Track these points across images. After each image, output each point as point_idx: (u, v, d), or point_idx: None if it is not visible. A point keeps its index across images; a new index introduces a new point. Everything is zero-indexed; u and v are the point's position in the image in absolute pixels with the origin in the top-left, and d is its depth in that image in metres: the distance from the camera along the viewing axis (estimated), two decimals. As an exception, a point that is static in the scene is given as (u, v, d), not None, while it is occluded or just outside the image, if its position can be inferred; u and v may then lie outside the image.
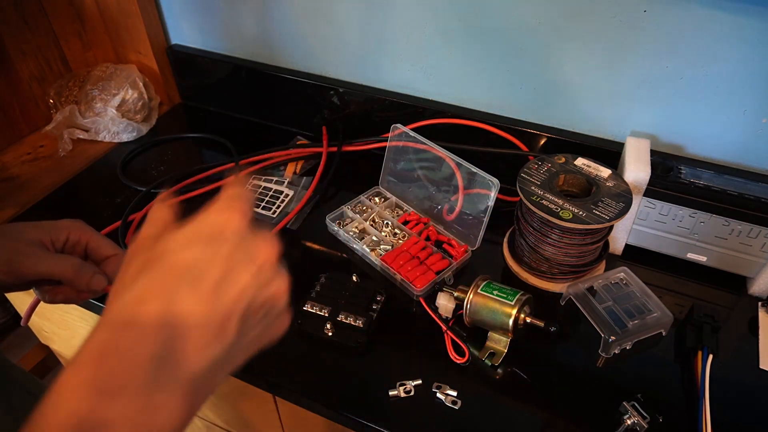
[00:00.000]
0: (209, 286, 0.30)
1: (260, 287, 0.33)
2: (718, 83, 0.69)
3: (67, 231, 0.50)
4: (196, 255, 0.31)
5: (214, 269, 0.31)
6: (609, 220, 0.62)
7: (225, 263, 0.31)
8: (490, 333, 0.63)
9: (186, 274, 0.30)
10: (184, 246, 0.32)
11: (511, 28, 0.76)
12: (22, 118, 0.98)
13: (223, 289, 0.31)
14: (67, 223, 0.51)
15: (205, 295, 0.30)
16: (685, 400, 0.59)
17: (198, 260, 0.31)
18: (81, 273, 0.48)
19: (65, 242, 0.50)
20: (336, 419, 0.59)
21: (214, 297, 0.30)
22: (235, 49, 1.01)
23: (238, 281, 0.31)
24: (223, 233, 0.33)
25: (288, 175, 0.90)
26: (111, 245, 0.52)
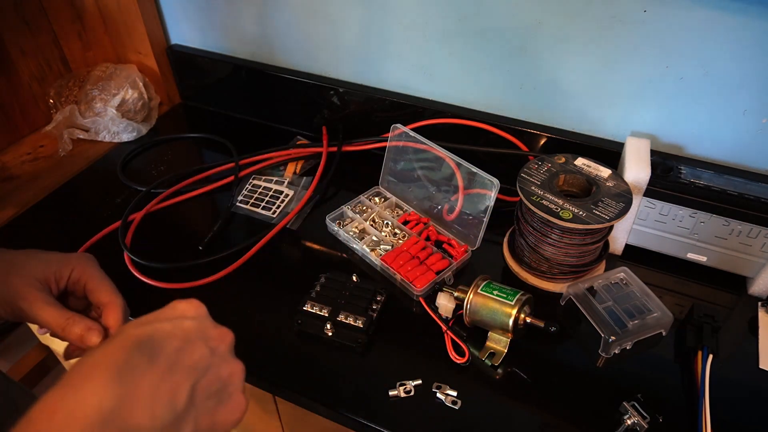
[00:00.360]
0: (166, 355, 0.33)
1: (213, 365, 0.36)
2: (718, 83, 0.69)
3: (71, 268, 0.48)
4: (156, 327, 0.35)
5: (171, 341, 0.35)
6: (609, 220, 0.62)
7: (181, 337, 0.35)
8: (490, 333, 0.63)
9: (145, 341, 0.34)
10: (145, 323, 0.36)
11: (511, 28, 0.76)
12: (22, 118, 0.98)
13: (178, 359, 0.34)
14: (74, 259, 0.49)
15: (161, 364, 0.33)
16: (685, 400, 0.59)
17: (157, 331, 0.35)
18: (71, 330, 0.46)
19: (68, 279, 0.49)
20: (336, 419, 0.59)
21: (167, 365, 0.33)
22: (235, 49, 1.01)
23: (192, 354, 0.35)
24: (185, 314, 0.38)
25: (288, 175, 0.90)
26: (108, 290, 0.49)
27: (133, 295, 0.70)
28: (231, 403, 0.37)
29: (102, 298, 0.48)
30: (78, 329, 0.45)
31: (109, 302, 0.48)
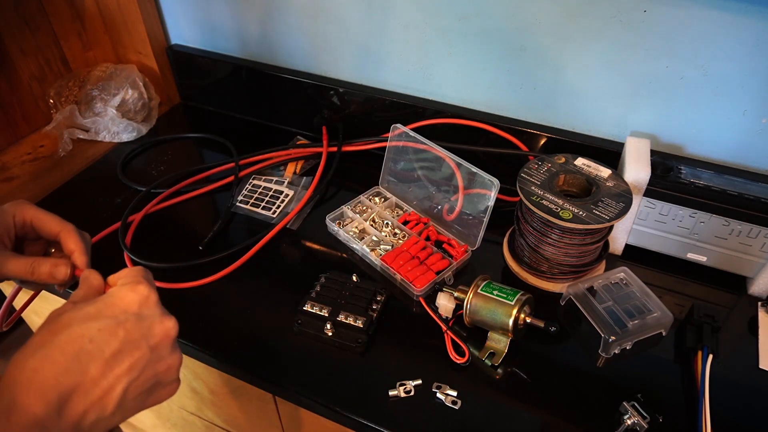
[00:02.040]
0: (102, 359, 0.36)
1: (151, 363, 0.38)
2: (718, 83, 0.69)
3: (11, 215, 0.49)
4: (98, 327, 0.37)
5: (111, 344, 0.36)
6: (609, 220, 0.62)
7: (122, 339, 0.37)
8: (490, 333, 0.63)
9: (84, 345, 0.36)
10: (90, 318, 0.37)
11: (511, 28, 0.76)
12: (22, 118, 0.98)
13: (114, 363, 0.36)
14: (11, 207, 0.50)
15: (96, 372, 0.35)
16: (685, 400, 0.59)
17: (99, 332, 0.37)
18: (39, 270, 0.47)
19: (14, 226, 0.50)
20: (336, 419, 0.59)
21: (103, 370, 0.36)
22: (235, 49, 1.01)
23: (130, 356, 0.37)
24: (128, 311, 0.39)
25: (288, 175, 0.90)
26: (55, 220, 0.50)
27: (133, 295, 0.70)
28: (163, 391, 0.40)
29: (53, 228, 0.50)
30: (45, 267, 0.47)
31: (61, 230, 0.50)
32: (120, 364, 0.37)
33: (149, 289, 0.41)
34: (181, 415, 0.96)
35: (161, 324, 0.40)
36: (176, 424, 1.02)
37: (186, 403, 0.90)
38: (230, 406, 0.82)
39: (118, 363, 0.36)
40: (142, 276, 0.42)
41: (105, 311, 0.38)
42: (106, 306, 0.39)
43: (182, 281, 0.71)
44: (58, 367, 0.35)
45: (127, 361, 0.37)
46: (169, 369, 0.40)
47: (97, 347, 0.36)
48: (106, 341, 0.36)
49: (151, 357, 0.38)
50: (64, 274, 0.48)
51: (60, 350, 0.35)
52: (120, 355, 0.37)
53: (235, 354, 0.63)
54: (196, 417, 0.93)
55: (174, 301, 0.69)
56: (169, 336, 0.40)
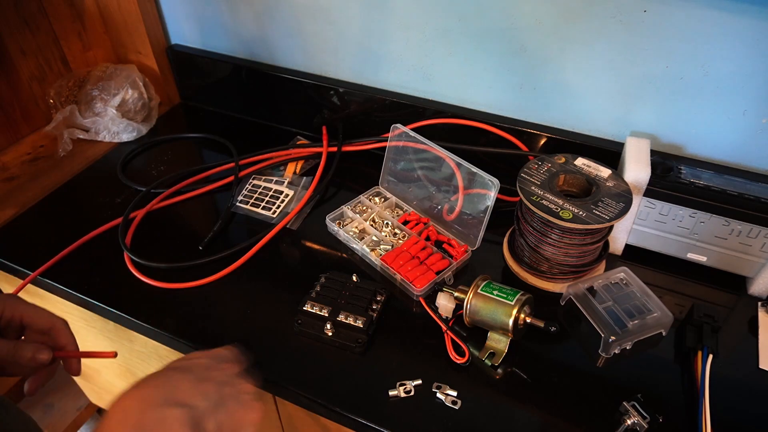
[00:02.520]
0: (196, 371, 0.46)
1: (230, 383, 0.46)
2: (718, 83, 0.69)
3: (1, 309, 0.51)
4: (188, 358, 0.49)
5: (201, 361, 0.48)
6: (609, 220, 0.62)
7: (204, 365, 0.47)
8: (490, 333, 0.63)
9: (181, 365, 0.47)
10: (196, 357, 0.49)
11: (511, 28, 0.76)
12: (22, 118, 0.98)
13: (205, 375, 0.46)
14: (2, 300, 0.51)
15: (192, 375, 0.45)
16: (685, 400, 0.59)
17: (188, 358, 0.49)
18: (21, 354, 0.49)
19: (2, 320, 0.51)
20: (336, 419, 0.59)
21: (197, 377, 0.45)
22: (235, 49, 1.01)
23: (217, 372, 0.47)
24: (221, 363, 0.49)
25: (288, 175, 0.90)
26: (47, 316, 0.52)
27: (134, 295, 0.70)
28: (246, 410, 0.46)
29: (44, 324, 0.52)
30: (28, 351, 0.49)
31: (52, 326, 0.52)
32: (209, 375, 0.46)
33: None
34: (181, 415, 0.96)
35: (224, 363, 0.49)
36: (176, 424, 1.02)
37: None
38: (230, 406, 0.82)
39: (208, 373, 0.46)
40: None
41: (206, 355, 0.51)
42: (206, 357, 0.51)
43: (182, 281, 0.71)
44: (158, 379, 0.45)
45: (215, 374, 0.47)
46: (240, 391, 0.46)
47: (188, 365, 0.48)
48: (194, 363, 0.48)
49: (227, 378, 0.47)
50: (46, 357, 0.50)
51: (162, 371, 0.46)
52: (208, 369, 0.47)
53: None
54: (196, 417, 0.92)
55: (174, 301, 0.69)
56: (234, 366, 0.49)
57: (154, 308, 0.68)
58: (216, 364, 0.48)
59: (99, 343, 0.91)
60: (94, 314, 0.72)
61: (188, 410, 0.41)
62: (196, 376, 0.44)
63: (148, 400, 0.41)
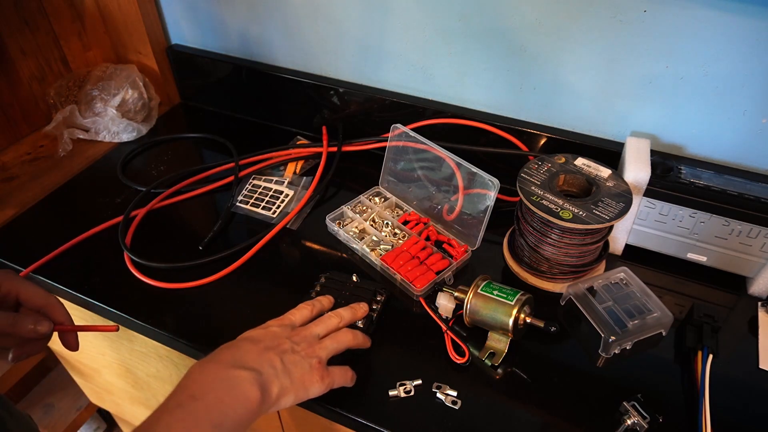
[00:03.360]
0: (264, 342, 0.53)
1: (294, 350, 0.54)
2: (718, 83, 0.69)
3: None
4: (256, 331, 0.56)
5: (266, 336, 0.54)
6: (609, 220, 0.62)
7: (272, 334, 0.55)
8: (490, 333, 0.63)
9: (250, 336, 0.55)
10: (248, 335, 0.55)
11: (511, 28, 0.76)
12: (22, 118, 0.98)
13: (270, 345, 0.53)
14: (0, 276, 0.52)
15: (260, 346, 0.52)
16: (685, 400, 0.59)
17: (255, 331, 0.56)
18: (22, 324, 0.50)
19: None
20: (336, 419, 0.59)
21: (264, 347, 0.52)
22: (235, 49, 1.01)
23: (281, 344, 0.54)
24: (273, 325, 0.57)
25: (288, 175, 0.90)
26: (42, 294, 0.53)
27: (134, 295, 0.70)
28: (310, 373, 0.52)
29: (38, 302, 0.53)
30: (29, 323, 0.50)
31: (47, 303, 0.53)
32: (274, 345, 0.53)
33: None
34: (181, 415, 0.96)
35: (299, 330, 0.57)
36: (176, 424, 1.02)
37: (186, 403, 0.90)
38: (230, 406, 0.82)
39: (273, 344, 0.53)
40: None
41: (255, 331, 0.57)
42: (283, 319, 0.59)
43: (182, 281, 0.71)
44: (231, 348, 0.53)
45: (278, 345, 0.53)
46: (309, 354, 0.53)
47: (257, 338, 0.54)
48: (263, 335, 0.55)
49: (294, 346, 0.54)
50: (47, 329, 0.51)
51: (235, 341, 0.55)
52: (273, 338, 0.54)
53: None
54: (196, 417, 0.92)
55: (174, 301, 0.69)
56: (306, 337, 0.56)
57: (154, 308, 0.68)
58: (286, 332, 0.55)
59: (99, 342, 0.91)
60: (94, 314, 0.72)
61: (256, 374, 0.48)
62: (264, 345, 0.52)
63: (221, 362, 0.49)
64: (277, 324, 0.56)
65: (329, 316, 0.59)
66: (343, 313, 0.60)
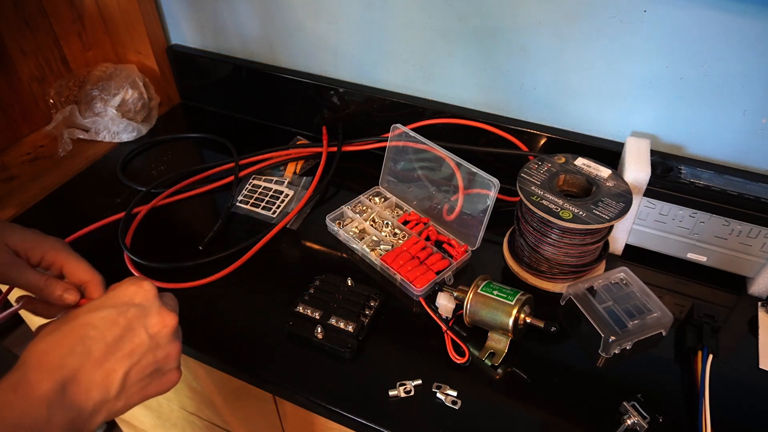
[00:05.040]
0: (104, 343, 0.39)
1: (150, 349, 0.41)
2: (718, 83, 0.69)
3: (41, 253, 0.51)
4: (101, 315, 0.41)
5: (112, 330, 0.40)
6: (609, 220, 0.62)
7: (123, 326, 0.41)
8: (490, 333, 0.63)
9: (88, 331, 0.40)
10: (94, 309, 0.41)
11: (511, 28, 0.76)
12: (22, 118, 0.98)
13: (115, 347, 0.40)
14: (48, 245, 0.52)
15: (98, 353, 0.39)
16: (685, 400, 0.59)
17: (101, 320, 0.40)
18: (52, 290, 0.49)
19: (39, 261, 0.51)
20: (336, 419, 0.59)
21: (104, 352, 0.39)
22: (235, 49, 1.01)
23: (130, 342, 0.40)
24: (129, 302, 0.42)
25: (288, 175, 0.90)
26: (86, 270, 0.52)
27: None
28: (164, 379, 0.43)
29: (82, 277, 0.52)
30: (59, 290, 0.50)
31: (90, 280, 0.52)
32: (121, 349, 0.40)
33: (151, 284, 0.44)
34: (181, 415, 0.96)
35: (159, 315, 0.43)
36: (176, 424, 1.02)
37: (186, 403, 0.90)
38: (230, 405, 0.82)
39: (119, 347, 0.40)
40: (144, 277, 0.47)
41: (108, 302, 0.42)
42: (109, 297, 0.43)
43: (182, 281, 0.71)
44: (63, 349, 0.38)
45: (128, 345, 0.40)
46: (167, 357, 0.43)
47: (99, 332, 0.40)
48: (108, 327, 0.40)
49: (150, 344, 0.42)
50: (74, 299, 0.50)
51: (66, 335, 0.39)
52: (121, 340, 0.40)
53: (234, 354, 0.63)
54: (196, 417, 0.93)
55: (174, 301, 0.69)
56: (167, 326, 0.43)
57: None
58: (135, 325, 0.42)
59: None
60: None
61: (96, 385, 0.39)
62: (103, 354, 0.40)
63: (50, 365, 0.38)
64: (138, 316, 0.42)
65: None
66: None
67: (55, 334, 0.39)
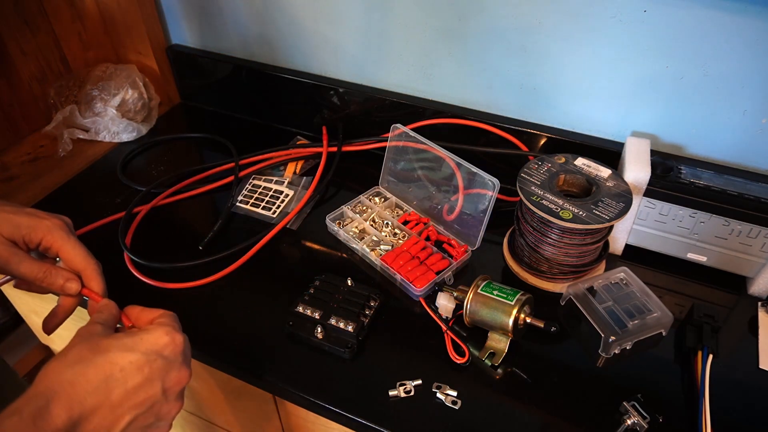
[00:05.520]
0: (124, 389, 0.40)
1: (158, 403, 0.42)
2: (718, 83, 0.69)
3: (40, 236, 0.50)
4: (130, 359, 0.41)
5: (136, 377, 0.40)
6: (609, 220, 0.62)
7: (146, 375, 0.41)
8: (490, 333, 0.63)
9: (115, 372, 0.40)
10: (126, 349, 0.41)
11: (511, 28, 0.76)
12: (22, 118, 0.98)
13: (133, 394, 0.40)
14: (44, 227, 0.50)
15: (115, 398, 0.39)
16: (685, 400, 0.59)
17: (130, 364, 0.40)
18: (52, 280, 0.49)
19: (38, 245, 0.50)
20: (336, 419, 0.59)
21: (122, 398, 0.39)
22: (235, 49, 1.01)
23: (145, 392, 0.41)
24: (158, 352, 0.42)
25: (288, 175, 0.90)
26: (82, 258, 0.51)
27: (133, 294, 0.70)
28: (156, 430, 0.44)
29: (76, 266, 0.50)
30: (60, 279, 0.49)
31: (85, 268, 0.51)
32: (136, 397, 0.40)
33: (182, 338, 0.45)
34: (181, 414, 0.96)
35: (179, 371, 0.44)
36: (176, 424, 1.02)
37: (186, 403, 0.90)
38: (230, 406, 0.82)
39: (136, 395, 0.40)
40: (178, 324, 0.47)
41: (140, 346, 0.42)
42: (142, 341, 0.42)
43: (182, 281, 0.71)
44: (89, 385, 0.38)
45: (143, 395, 0.41)
46: (169, 412, 0.44)
47: (124, 376, 0.40)
48: (133, 373, 0.40)
49: (161, 398, 0.42)
50: (75, 290, 0.50)
51: (95, 370, 0.39)
52: (140, 389, 0.40)
53: (234, 354, 0.63)
54: (196, 417, 0.93)
55: (173, 301, 0.69)
56: (181, 383, 0.44)
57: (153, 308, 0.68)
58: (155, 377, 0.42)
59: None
60: (94, 314, 0.72)
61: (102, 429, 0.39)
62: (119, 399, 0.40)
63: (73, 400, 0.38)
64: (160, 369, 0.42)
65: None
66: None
67: (83, 364, 0.39)
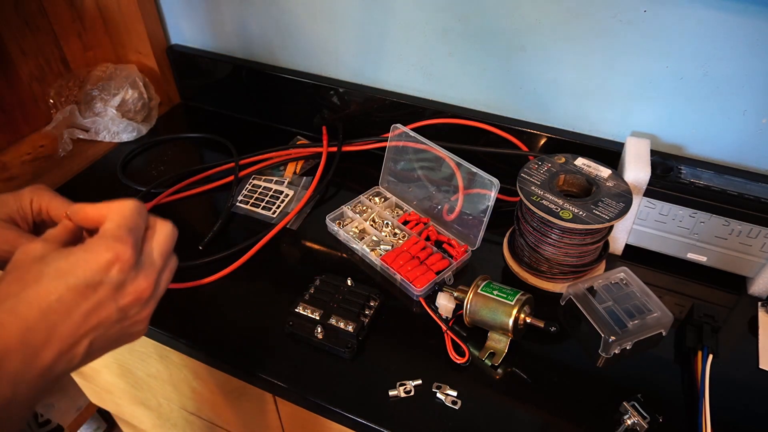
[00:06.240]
0: (69, 319, 0.35)
1: (118, 321, 0.38)
2: (718, 83, 0.69)
3: (29, 200, 0.48)
4: (68, 286, 0.35)
5: (81, 305, 0.36)
6: (609, 220, 0.62)
7: (92, 301, 0.36)
8: (490, 333, 0.63)
9: (52, 303, 0.35)
10: (61, 275, 0.36)
11: (511, 28, 0.76)
12: (22, 118, 0.98)
13: (82, 323, 0.36)
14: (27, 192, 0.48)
15: (64, 327, 0.35)
16: (685, 400, 0.59)
17: (68, 291, 0.35)
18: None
19: (32, 212, 0.48)
20: (336, 419, 0.59)
21: (70, 329, 0.35)
22: (235, 49, 1.01)
23: (97, 316, 0.36)
24: (100, 271, 0.37)
25: (288, 175, 0.90)
26: (59, 204, 0.49)
27: (133, 295, 0.70)
28: (129, 339, 0.40)
29: (59, 214, 0.48)
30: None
31: (75, 210, 0.47)
32: (87, 324, 0.36)
33: (127, 249, 0.38)
34: (181, 415, 0.96)
35: (133, 286, 0.38)
36: (176, 424, 1.02)
37: (186, 403, 0.90)
38: (230, 406, 0.82)
39: (85, 323, 0.36)
40: (127, 229, 0.40)
41: (77, 269, 0.36)
42: (78, 263, 0.37)
43: (182, 281, 0.71)
44: (25, 323, 0.34)
45: (95, 320, 0.36)
46: (136, 323, 0.40)
47: (65, 307, 0.35)
48: (75, 302, 0.36)
49: (119, 317, 0.38)
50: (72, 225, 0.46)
51: (27, 306, 0.35)
52: (88, 316, 0.36)
53: (235, 354, 0.63)
54: (196, 417, 0.93)
55: (174, 301, 0.69)
56: (140, 299, 0.39)
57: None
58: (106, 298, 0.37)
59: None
60: (94, 314, 0.72)
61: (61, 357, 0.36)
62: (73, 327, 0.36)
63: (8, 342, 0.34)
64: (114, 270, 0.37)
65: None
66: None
67: (12, 300, 0.35)
